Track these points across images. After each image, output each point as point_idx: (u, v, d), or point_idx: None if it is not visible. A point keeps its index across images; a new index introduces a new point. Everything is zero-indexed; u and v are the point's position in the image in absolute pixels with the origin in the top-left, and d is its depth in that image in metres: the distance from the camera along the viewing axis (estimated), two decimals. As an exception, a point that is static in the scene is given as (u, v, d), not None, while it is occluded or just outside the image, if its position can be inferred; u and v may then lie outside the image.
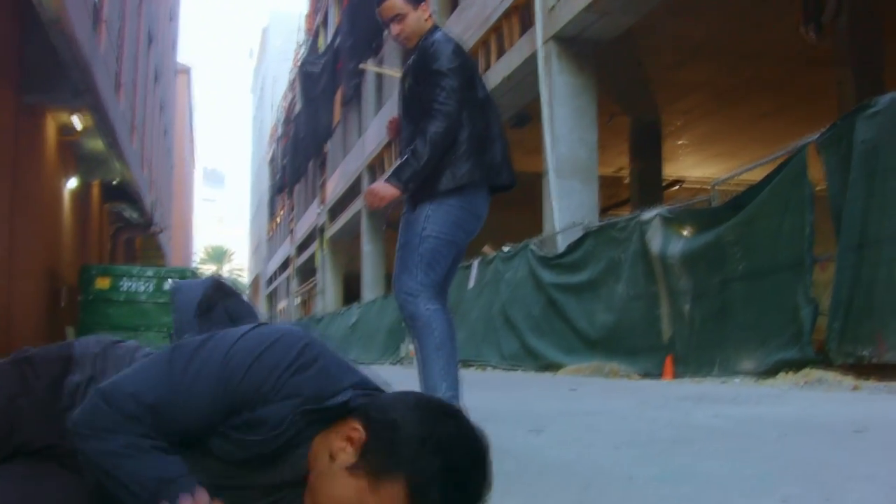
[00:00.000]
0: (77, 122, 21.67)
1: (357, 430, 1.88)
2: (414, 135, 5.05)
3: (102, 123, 21.13)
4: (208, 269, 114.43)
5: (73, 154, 24.81)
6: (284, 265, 73.71)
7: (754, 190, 10.19)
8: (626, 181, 31.10)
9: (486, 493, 1.89)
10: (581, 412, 6.04)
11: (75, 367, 2.22)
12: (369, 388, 2.04)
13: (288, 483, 1.97)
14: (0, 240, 17.38)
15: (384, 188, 4.99)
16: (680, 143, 29.57)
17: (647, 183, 26.54)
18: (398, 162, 5.06)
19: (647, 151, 26.58)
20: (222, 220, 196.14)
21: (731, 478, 3.33)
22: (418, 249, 5.07)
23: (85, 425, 1.92)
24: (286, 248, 70.39)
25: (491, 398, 7.72)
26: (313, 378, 1.96)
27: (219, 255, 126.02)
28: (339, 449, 1.88)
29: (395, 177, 4.97)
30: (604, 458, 3.78)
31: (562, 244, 15.77)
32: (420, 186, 5.03)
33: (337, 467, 1.86)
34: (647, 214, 12.19)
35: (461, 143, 5.03)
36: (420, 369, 5.02)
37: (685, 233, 11.39)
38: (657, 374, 11.31)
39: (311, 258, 54.03)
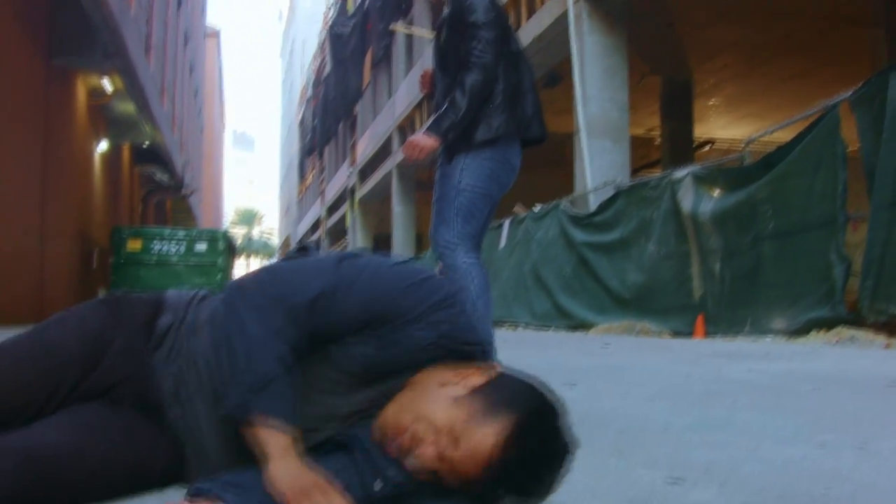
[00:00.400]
0: (107, 84, 21.70)
1: (478, 376, 2.00)
2: (450, 87, 5.06)
3: (132, 86, 21.15)
4: (238, 232, 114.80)
5: (103, 117, 24.86)
6: (315, 227, 73.68)
7: (786, 148, 10.14)
8: (657, 142, 30.97)
9: (551, 491, 1.97)
10: (614, 367, 6.06)
11: (166, 309, 2.32)
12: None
13: (362, 413, 2.07)
14: (32, 203, 17.49)
15: (423, 139, 4.98)
16: (711, 103, 29.37)
17: (678, 143, 26.40)
18: (436, 114, 5.07)
19: (679, 112, 26.40)
20: (252, 182, 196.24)
21: (765, 427, 3.34)
22: (455, 202, 5.08)
23: (242, 295, 2.08)
24: (316, 210, 70.39)
25: (524, 354, 7.73)
26: (454, 320, 2.10)
27: (249, 218, 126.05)
28: (452, 380, 2.00)
29: (435, 128, 4.96)
30: (638, 408, 3.80)
31: (593, 203, 15.73)
32: (457, 138, 5.01)
33: (443, 393, 1.98)
34: (679, 173, 12.16)
35: (496, 95, 5.02)
36: None
37: (716, 192, 11.35)
38: (688, 333, 11.31)
39: (342, 220, 54.07)
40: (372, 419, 2.05)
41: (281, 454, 1.88)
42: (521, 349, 8.72)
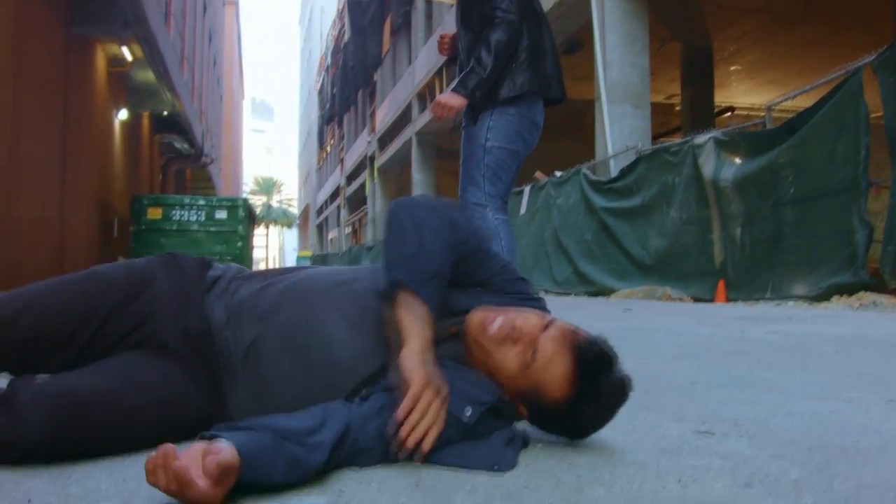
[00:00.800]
0: (127, 53, 21.72)
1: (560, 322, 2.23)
2: (473, 45, 5.10)
3: (152, 54, 21.14)
4: (258, 200, 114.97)
5: (122, 85, 24.89)
6: (334, 195, 73.77)
7: (809, 113, 10.09)
8: (677, 108, 30.86)
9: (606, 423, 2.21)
10: (636, 329, 6.07)
11: (214, 266, 2.54)
12: None
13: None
14: (53, 172, 17.54)
15: (451, 98, 5.02)
16: (732, 69, 29.24)
17: (698, 110, 26.29)
18: (462, 73, 5.10)
19: (699, 78, 26.29)
20: (271, 150, 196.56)
21: (791, 384, 3.35)
22: (482, 161, 5.12)
23: (431, 207, 2.33)
24: (336, 178, 70.46)
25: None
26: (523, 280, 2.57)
27: (268, 186, 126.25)
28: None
29: (462, 86, 5.00)
30: (663, 367, 3.81)
31: (614, 169, 15.71)
32: (483, 96, 5.06)
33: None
34: (701, 138, 12.12)
35: (521, 52, 5.06)
36: None
37: (738, 157, 11.31)
38: (709, 298, 11.32)
39: (362, 187, 54.14)
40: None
41: (421, 342, 2.05)
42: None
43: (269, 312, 2.27)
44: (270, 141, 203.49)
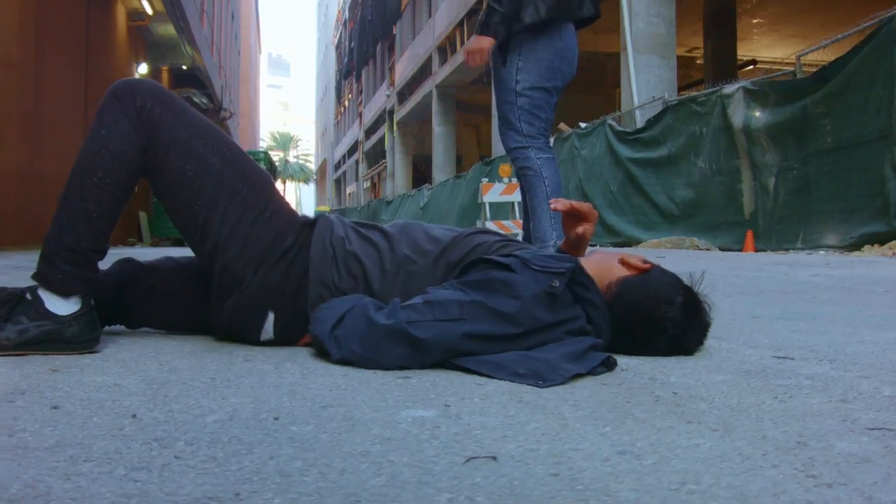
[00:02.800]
0: (147, 6, 21.71)
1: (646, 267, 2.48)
2: None
3: (173, 7, 21.11)
4: (275, 155, 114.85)
5: (143, 39, 24.91)
6: (352, 149, 73.70)
7: (841, 62, 10.02)
8: (699, 62, 30.70)
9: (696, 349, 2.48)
10: (678, 272, 6.05)
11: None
12: None
13: None
14: (76, 128, 17.56)
15: (477, 41, 5.01)
16: (755, 22, 29.03)
17: (720, 63, 26.13)
18: (482, 14, 5.05)
19: (722, 31, 26.12)
20: (287, 106, 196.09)
21: (853, 317, 3.35)
22: (516, 104, 5.10)
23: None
24: (354, 133, 70.34)
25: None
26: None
27: (285, 141, 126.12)
28: (633, 260, 2.47)
29: (483, 28, 4.98)
30: (721, 303, 3.81)
31: (640, 120, 15.64)
32: (506, 29, 5.01)
33: (620, 258, 2.48)
34: (730, 88, 12.05)
35: None
36: (530, 219, 5.14)
37: (767, 106, 11.25)
38: (737, 248, 11.31)
39: (380, 141, 54.05)
40: None
41: None
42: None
43: None
44: (287, 96, 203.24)
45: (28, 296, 2.30)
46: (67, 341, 2.27)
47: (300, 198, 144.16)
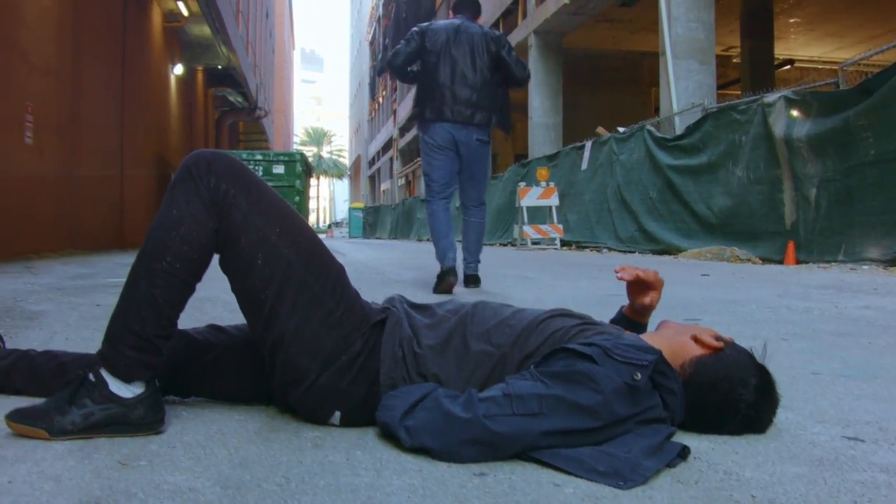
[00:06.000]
0: (183, 7, 21.86)
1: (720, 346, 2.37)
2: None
3: (209, 8, 21.23)
4: (309, 150, 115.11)
5: (178, 40, 25.09)
6: (387, 146, 73.84)
7: (884, 74, 9.90)
8: (735, 60, 30.59)
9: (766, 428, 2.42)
10: (728, 302, 5.98)
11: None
12: None
13: None
14: (112, 129, 17.70)
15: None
16: (791, 21, 28.89)
17: (758, 62, 26.05)
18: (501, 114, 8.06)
19: (759, 30, 26.03)
20: (321, 101, 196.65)
21: (916, 374, 3.28)
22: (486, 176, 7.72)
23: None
24: (388, 130, 70.44)
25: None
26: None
27: (319, 137, 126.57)
28: (706, 338, 2.36)
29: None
30: (777, 351, 3.74)
31: (679, 126, 15.56)
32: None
33: (692, 335, 2.39)
34: (771, 97, 11.96)
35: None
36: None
37: (810, 116, 11.15)
38: (778, 259, 11.23)
39: (415, 139, 54.01)
40: None
41: None
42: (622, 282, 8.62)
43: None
44: (320, 91, 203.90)
45: (91, 377, 2.27)
46: (132, 424, 2.27)
47: (334, 193, 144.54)
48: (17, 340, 3.85)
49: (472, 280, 7.77)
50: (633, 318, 2.76)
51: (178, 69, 25.35)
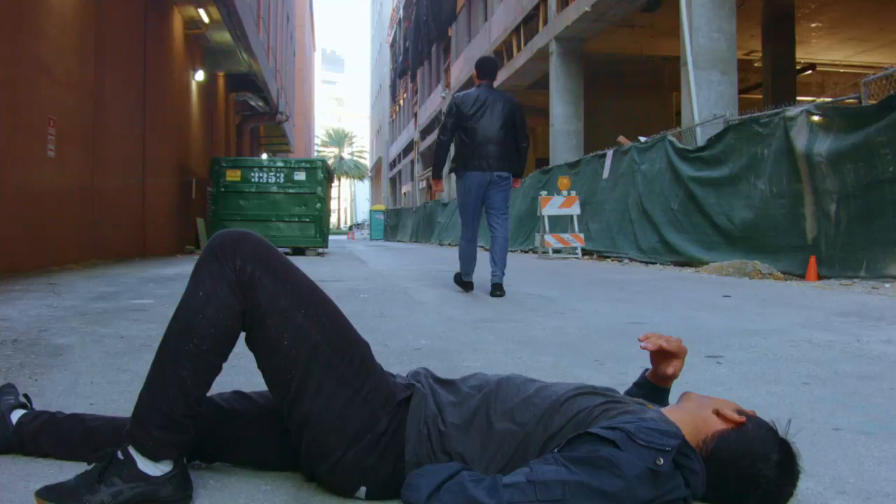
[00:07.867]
0: (204, 15, 21.97)
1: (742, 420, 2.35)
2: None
3: (230, 16, 21.34)
4: (330, 152, 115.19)
5: (199, 47, 25.18)
6: (408, 149, 73.82)
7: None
8: (756, 65, 30.50)
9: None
10: (749, 332, 5.95)
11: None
12: None
13: None
14: (134, 137, 17.79)
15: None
16: (813, 26, 28.80)
17: (779, 67, 25.96)
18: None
19: (780, 35, 25.95)
20: (342, 102, 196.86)
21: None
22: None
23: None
24: (409, 132, 70.45)
25: (653, 305, 7.74)
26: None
27: (339, 138, 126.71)
28: (728, 412, 2.34)
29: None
30: (796, 399, 3.73)
31: (701, 137, 15.54)
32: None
33: (714, 409, 2.37)
34: (793, 111, 11.93)
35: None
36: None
37: (831, 132, 11.14)
38: (800, 274, 11.21)
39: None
40: None
41: None
42: (642, 295, 8.65)
43: None
44: (341, 92, 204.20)
45: (120, 455, 2.29)
46: (161, 502, 2.29)
47: (355, 194, 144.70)
48: (44, 384, 3.88)
49: (497, 288, 9.48)
50: (656, 384, 2.77)
51: (200, 76, 25.41)
